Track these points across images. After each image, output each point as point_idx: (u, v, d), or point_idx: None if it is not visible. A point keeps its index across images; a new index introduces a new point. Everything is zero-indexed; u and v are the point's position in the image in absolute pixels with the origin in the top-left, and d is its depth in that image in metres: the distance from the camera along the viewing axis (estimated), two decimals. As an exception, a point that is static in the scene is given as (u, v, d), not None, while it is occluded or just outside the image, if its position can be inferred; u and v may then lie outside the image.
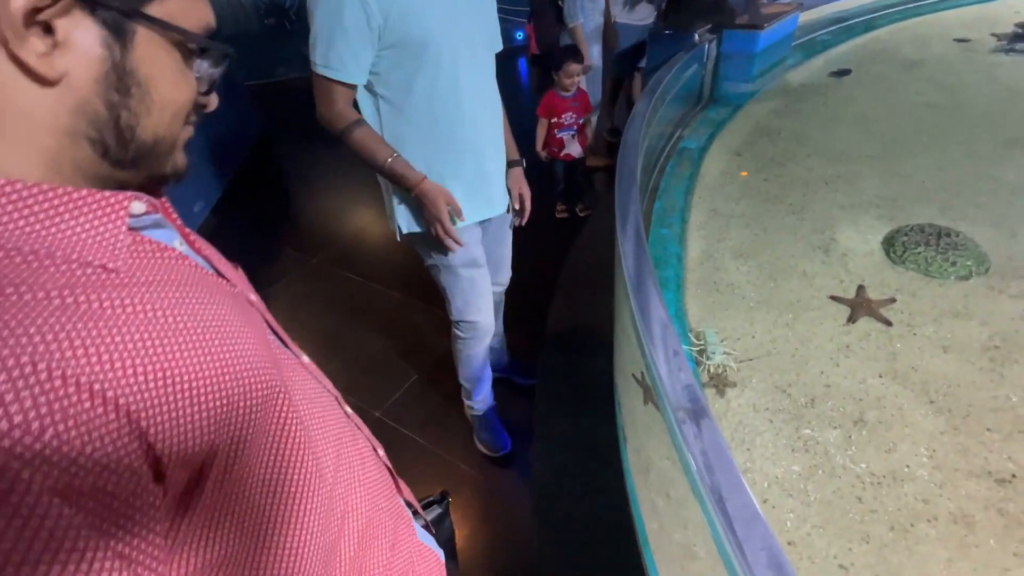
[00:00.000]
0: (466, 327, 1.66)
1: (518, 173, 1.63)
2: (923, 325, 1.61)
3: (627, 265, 1.16)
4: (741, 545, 0.73)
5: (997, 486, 1.22)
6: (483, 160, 1.45)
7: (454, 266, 1.52)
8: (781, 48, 3.23)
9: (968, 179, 2.18)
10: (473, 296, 1.59)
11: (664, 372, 0.90)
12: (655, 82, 2.12)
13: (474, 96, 1.35)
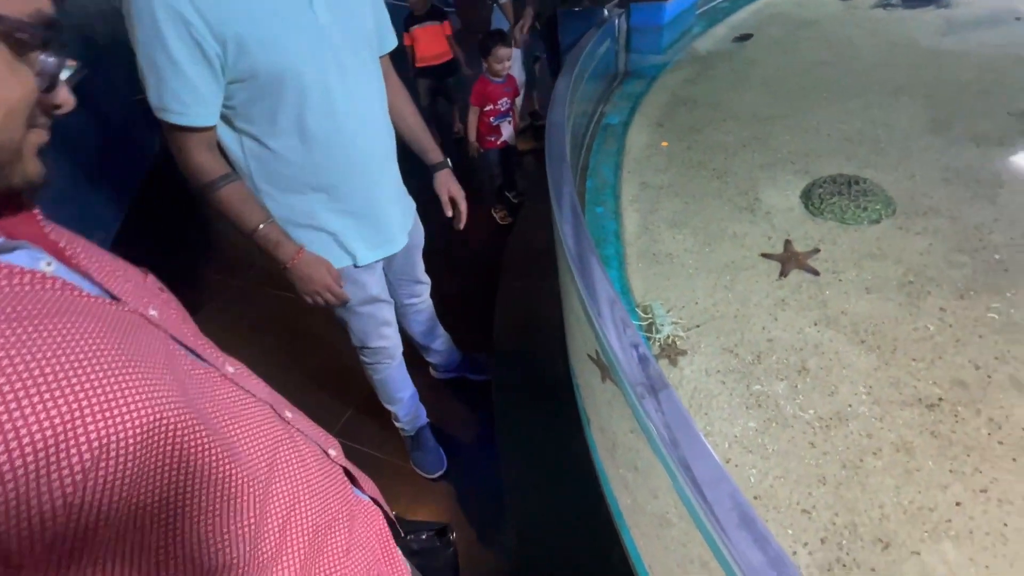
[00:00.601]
0: (370, 353, 1.56)
1: (445, 175, 1.53)
2: (846, 270, 1.71)
3: (568, 247, 1.15)
4: (712, 507, 0.74)
5: (928, 411, 1.33)
6: (377, 190, 1.29)
7: (350, 306, 1.41)
8: (686, 18, 3.33)
9: (867, 128, 2.34)
10: (373, 326, 1.49)
11: (618, 349, 0.90)
12: (571, 60, 2.11)
13: (356, 120, 1.16)
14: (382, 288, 1.47)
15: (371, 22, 1.20)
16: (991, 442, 1.24)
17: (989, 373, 1.38)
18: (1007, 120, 2.24)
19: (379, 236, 1.36)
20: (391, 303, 1.53)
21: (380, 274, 1.45)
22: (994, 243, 1.72)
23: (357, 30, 1.13)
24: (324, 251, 1.28)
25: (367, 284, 1.39)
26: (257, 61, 0.97)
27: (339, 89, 1.09)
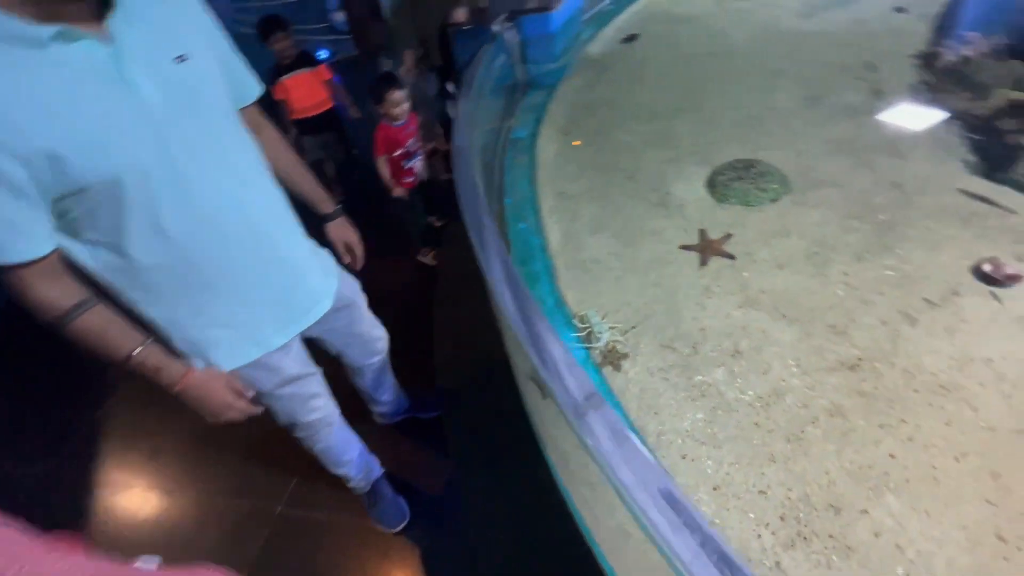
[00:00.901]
0: (303, 428, 1.42)
1: (338, 224, 1.45)
2: (758, 251, 1.81)
3: (491, 275, 1.13)
4: (656, 525, 0.75)
5: (851, 372, 1.42)
6: (276, 264, 1.13)
7: (267, 392, 1.26)
8: (574, 24, 3.43)
9: (754, 112, 2.50)
10: (299, 404, 1.35)
11: (553, 372, 0.90)
12: (468, 79, 2.11)
13: (226, 199, 1.00)
14: (303, 362, 1.33)
15: (219, 77, 1.02)
16: (908, 391, 1.35)
17: (896, 327, 1.49)
18: (869, 90, 2.47)
19: (292, 311, 1.21)
20: (315, 371, 1.39)
21: (299, 348, 1.30)
22: (878, 205, 1.88)
23: (203, 94, 0.97)
24: (230, 349, 1.13)
25: (283, 367, 1.24)
26: (80, 172, 0.81)
27: (194, 174, 0.94)
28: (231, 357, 1.15)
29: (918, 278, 1.60)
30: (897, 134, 2.16)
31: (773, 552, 1.14)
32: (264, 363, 1.21)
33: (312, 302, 1.26)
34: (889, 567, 1.08)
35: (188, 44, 0.94)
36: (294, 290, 1.20)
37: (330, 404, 1.47)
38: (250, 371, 1.20)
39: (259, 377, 1.23)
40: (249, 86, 1.18)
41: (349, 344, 1.51)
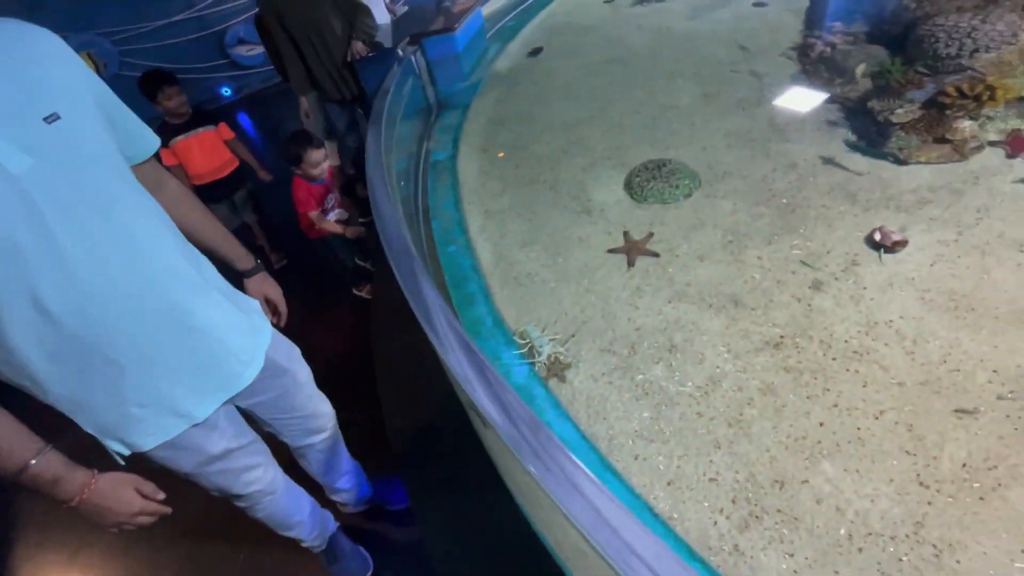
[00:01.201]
0: (240, 499, 1.32)
1: (259, 280, 1.37)
2: (679, 246, 1.89)
3: (417, 307, 1.11)
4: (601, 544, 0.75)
5: (776, 350, 1.50)
6: (189, 331, 1.03)
7: (190, 473, 1.16)
8: (479, 42, 3.47)
9: (658, 113, 2.62)
10: (231, 479, 1.25)
11: (486, 400, 0.89)
12: (378, 107, 2.08)
13: (115, 263, 0.91)
14: (234, 435, 1.21)
15: (104, 134, 0.94)
16: (827, 361, 1.44)
17: (808, 301, 1.60)
18: (756, 83, 2.65)
19: (214, 378, 1.10)
20: (250, 441, 1.27)
21: (228, 421, 1.19)
22: (779, 190, 2.01)
23: (83, 155, 0.88)
24: (148, 427, 1.04)
25: (206, 446, 1.13)
26: None
27: (75, 244, 0.85)
28: (151, 435, 1.05)
29: (821, 253, 1.72)
30: (786, 122, 2.33)
31: (730, 536, 1.18)
32: (184, 443, 1.10)
33: (239, 365, 1.15)
34: (833, 530, 1.14)
35: (60, 102, 0.86)
36: (214, 356, 1.09)
37: (270, 472, 1.35)
38: (168, 453, 1.09)
39: (179, 458, 1.12)
40: (143, 141, 1.10)
41: (282, 421, 1.37)
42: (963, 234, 1.64)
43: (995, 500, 1.10)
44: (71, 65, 0.93)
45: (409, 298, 1.17)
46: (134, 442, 1.04)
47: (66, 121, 0.86)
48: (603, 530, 0.76)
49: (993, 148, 1.88)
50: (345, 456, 1.66)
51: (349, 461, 1.69)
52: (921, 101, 1.91)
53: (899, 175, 1.92)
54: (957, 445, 1.20)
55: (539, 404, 1.51)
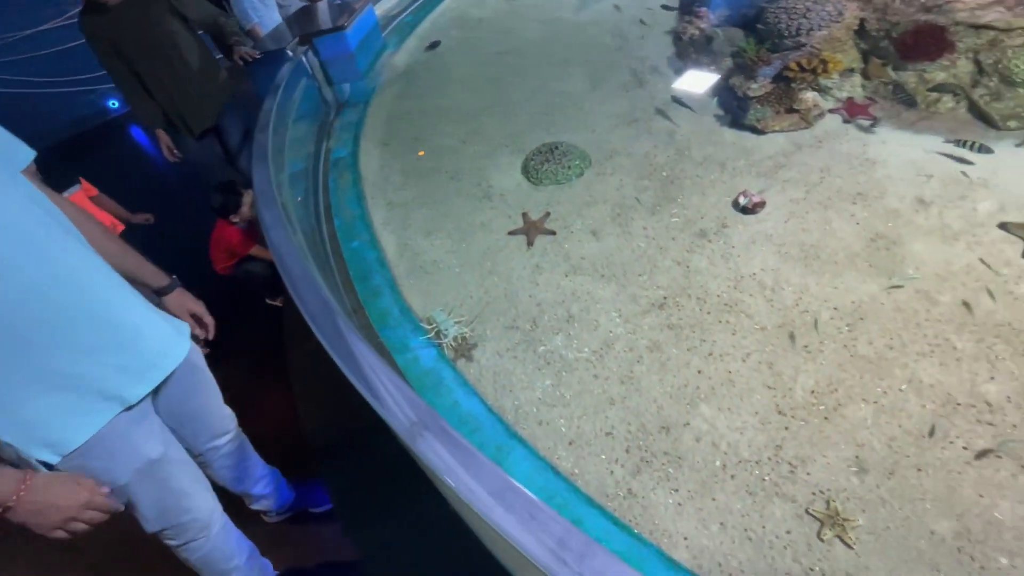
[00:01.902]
0: (175, 533, 1.24)
1: (176, 296, 1.30)
2: (574, 223, 1.95)
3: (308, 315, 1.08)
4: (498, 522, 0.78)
5: (660, 310, 1.60)
6: (100, 312, 1.01)
7: (127, 484, 1.11)
8: (374, 39, 3.37)
9: (550, 99, 2.68)
10: (170, 501, 1.18)
11: (380, 401, 0.89)
12: (267, 110, 1.98)
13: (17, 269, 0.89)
14: (165, 439, 1.14)
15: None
16: (703, 315, 1.55)
17: (687, 263, 1.71)
18: (638, 67, 2.76)
19: (144, 356, 1.07)
20: (186, 460, 1.22)
21: (157, 423, 1.13)
22: (660, 164, 2.12)
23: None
24: (75, 415, 0.98)
25: (139, 445, 1.07)
26: None
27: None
28: (80, 425, 0.99)
29: (696, 218, 1.84)
30: (664, 101, 2.45)
31: (624, 482, 1.26)
32: (118, 444, 1.04)
33: (163, 344, 1.13)
34: (710, 463, 1.24)
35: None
36: (138, 334, 1.07)
37: (208, 502, 1.28)
38: (102, 463, 1.03)
39: (111, 466, 1.05)
40: (16, 154, 1.01)
41: (186, 422, 1.30)
42: (810, 192, 1.81)
43: (836, 418, 1.24)
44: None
45: (295, 299, 1.14)
46: (62, 438, 0.97)
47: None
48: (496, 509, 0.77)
49: (832, 115, 2.08)
50: (258, 462, 1.60)
51: (264, 467, 1.63)
52: (771, 76, 2.08)
53: (759, 143, 2.08)
54: (807, 375, 1.34)
55: (448, 384, 1.52)
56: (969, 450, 1.13)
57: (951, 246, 1.52)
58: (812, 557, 1.06)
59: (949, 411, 1.20)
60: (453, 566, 1.54)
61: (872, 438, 1.20)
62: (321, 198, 2.22)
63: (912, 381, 1.27)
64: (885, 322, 1.40)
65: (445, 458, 0.85)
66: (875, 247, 1.58)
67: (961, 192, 1.65)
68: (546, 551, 0.74)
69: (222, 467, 1.47)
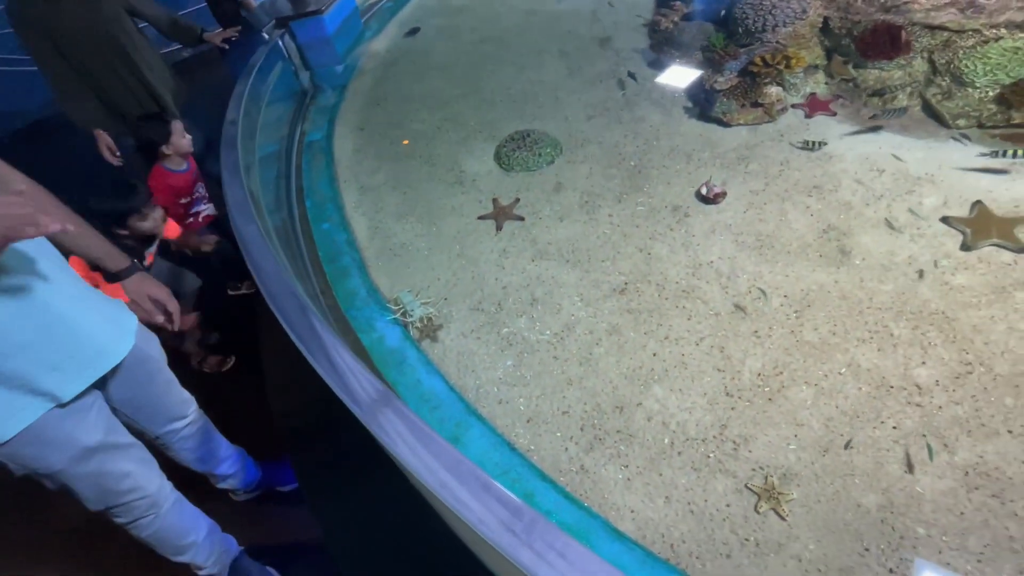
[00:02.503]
0: (120, 511, 1.20)
1: (136, 280, 1.23)
2: (542, 209, 1.96)
3: (271, 300, 1.06)
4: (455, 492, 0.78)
5: (620, 295, 1.61)
6: (36, 305, 0.97)
7: (62, 470, 1.07)
8: (353, 24, 3.31)
9: (526, 88, 2.66)
10: (110, 483, 1.15)
11: (340, 381, 0.88)
12: (239, 92, 1.93)
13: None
14: (105, 428, 1.11)
15: None
16: (661, 301, 1.57)
17: (648, 250, 1.73)
18: (614, 58, 2.75)
19: (79, 354, 1.03)
20: (128, 443, 1.18)
21: (97, 411, 1.10)
22: (629, 153, 2.13)
23: None
24: (3, 405, 0.95)
25: (75, 434, 1.05)
26: None
27: None
28: (9, 419, 0.96)
29: (660, 207, 1.86)
30: (636, 92, 2.45)
31: (577, 458, 1.28)
32: (51, 434, 1.02)
33: (105, 341, 1.09)
34: (659, 440, 1.27)
35: None
36: (73, 332, 1.02)
37: (154, 481, 1.25)
38: (34, 450, 1.01)
39: (47, 454, 1.03)
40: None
41: (139, 408, 1.27)
42: (769, 184, 1.84)
43: (779, 399, 1.28)
44: None
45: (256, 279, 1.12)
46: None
47: None
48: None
49: (795, 110, 2.10)
50: (221, 442, 1.58)
51: (228, 447, 1.61)
52: (737, 71, 2.09)
53: (724, 136, 2.10)
54: (755, 359, 1.37)
55: (411, 364, 1.52)
56: (898, 429, 1.17)
57: (896, 238, 1.56)
58: (748, 528, 1.09)
59: (883, 393, 1.24)
60: (414, 543, 1.55)
61: (811, 418, 1.23)
62: (293, 180, 2.19)
63: (851, 365, 1.31)
64: (831, 309, 1.43)
65: (401, 435, 0.86)
66: (826, 238, 1.62)
67: (909, 187, 1.69)
68: (498, 524, 0.75)
69: (183, 449, 1.45)
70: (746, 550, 1.07)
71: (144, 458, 1.24)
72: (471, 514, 0.76)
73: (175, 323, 1.30)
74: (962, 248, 1.48)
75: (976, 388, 1.20)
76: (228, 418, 1.67)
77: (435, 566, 1.33)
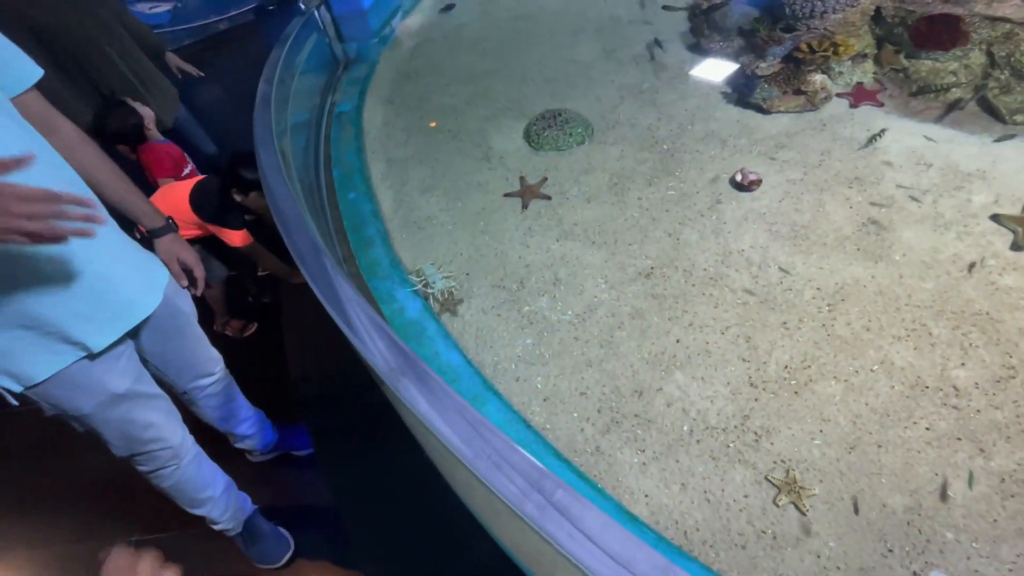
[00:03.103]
0: (143, 459, 1.24)
1: (168, 240, 1.25)
2: (570, 189, 1.92)
3: (298, 259, 1.06)
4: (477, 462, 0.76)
5: (646, 279, 1.58)
6: (70, 263, 0.97)
7: (90, 414, 1.10)
8: (388, -3, 3.27)
9: (560, 67, 2.60)
10: (135, 432, 1.18)
11: (364, 340, 0.87)
12: (274, 59, 1.92)
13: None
14: (134, 376, 1.13)
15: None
16: (688, 287, 1.53)
17: (677, 236, 1.68)
18: (650, 40, 2.67)
19: (110, 304, 1.04)
20: (155, 394, 1.21)
21: (127, 360, 1.12)
22: (662, 137, 2.07)
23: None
24: (37, 354, 0.97)
25: (105, 381, 1.07)
26: None
27: None
28: (43, 363, 0.98)
29: (692, 193, 1.80)
30: (672, 75, 2.37)
31: (593, 440, 1.26)
32: (82, 379, 1.04)
33: (135, 294, 1.10)
34: (678, 427, 1.24)
35: None
36: (106, 283, 1.03)
37: (178, 433, 1.28)
38: (64, 391, 1.03)
39: (76, 397, 1.05)
40: (21, 69, 0.97)
41: (168, 362, 1.30)
42: (808, 174, 1.77)
43: (806, 393, 1.23)
44: None
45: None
46: (25, 372, 0.98)
47: None
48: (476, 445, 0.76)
49: (839, 99, 2.01)
50: (243, 403, 1.61)
51: (249, 408, 1.64)
52: (781, 56, 2.00)
53: (763, 123, 2.02)
54: (782, 351, 1.32)
55: (430, 336, 1.51)
56: (931, 431, 1.12)
57: (941, 235, 1.49)
58: (765, 520, 1.06)
59: (917, 393, 1.19)
60: (425, 512, 1.56)
61: (838, 414, 1.19)
62: (322, 149, 2.18)
63: (884, 362, 1.25)
64: (866, 304, 1.38)
65: (419, 396, 0.84)
66: (865, 231, 1.55)
67: (958, 183, 1.61)
68: (516, 491, 0.73)
69: (207, 406, 1.48)
70: (762, 542, 1.04)
71: (169, 409, 1.27)
72: (490, 480, 0.75)
73: (199, 288, 1.32)
74: (1012, 248, 1.41)
75: (1019, 393, 1.14)
76: (248, 381, 1.69)
77: (445, 535, 1.34)
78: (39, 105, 1.03)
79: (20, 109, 0.96)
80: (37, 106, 1.03)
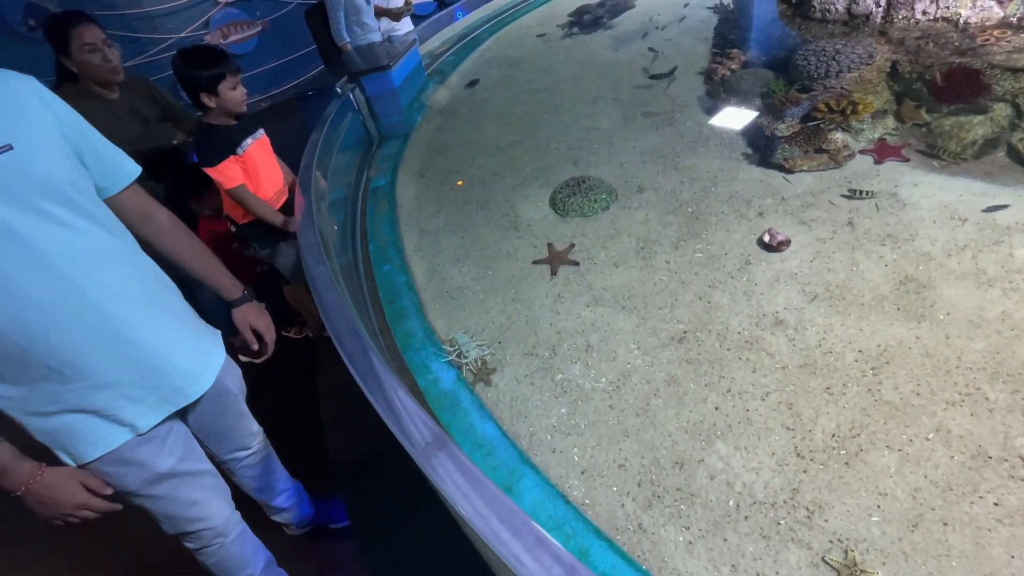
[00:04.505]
0: (193, 538, 1.28)
1: (245, 310, 1.34)
2: (597, 255, 1.97)
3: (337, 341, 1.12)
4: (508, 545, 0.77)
5: (679, 344, 1.58)
6: (128, 343, 1.04)
7: (136, 493, 1.14)
8: (417, 77, 3.55)
9: (581, 135, 2.74)
10: (180, 509, 1.22)
11: (397, 421, 0.91)
12: (313, 141, 2.10)
13: (57, 280, 0.94)
14: (181, 455, 1.19)
15: (68, 166, 0.98)
16: (723, 351, 1.52)
17: (708, 299, 1.69)
18: (668, 105, 2.80)
19: (161, 389, 1.11)
20: (202, 470, 1.25)
21: (174, 438, 1.17)
22: (686, 200, 2.13)
23: (29, 183, 0.91)
24: (91, 436, 1.04)
25: (151, 461, 1.12)
26: None
27: (12, 261, 0.89)
28: (93, 444, 1.05)
29: (720, 255, 1.83)
30: (692, 139, 2.46)
31: (635, 516, 1.23)
32: (129, 457, 1.09)
33: (183, 380, 1.15)
34: (723, 502, 1.20)
35: (12, 134, 0.90)
36: (157, 370, 1.10)
37: (223, 512, 1.31)
38: (114, 468, 1.08)
39: (123, 473, 1.10)
40: (118, 171, 1.10)
41: (206, 436, 1.35)
42: (837, 232, 1.78)
43: (857, 464, 1.19)
44: (35, 100, 0.96)
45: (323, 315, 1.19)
46: (78, 451, 1.04)
47: (18, 152, 0.90)
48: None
49: (863, 156, 2.04)
50: (282, 475, 1.64)
51: (287, 480, 1.67)
52: (799, 117, 2.07)
53: (787, 183, 2.06)
54: (828, 418, 1.29)
55: (465, 407, 1.54)
56: (1001, 507, 1.06)
57: (985, 292, 1.46)
58: (827, 609, 1.01)
59: (979, 464, 1.13)
60: None
61: (896, 487, 1.14)
62: (359, 224, 2.32)
63: (940, 430, 1.20)
64: (913, 367, 1.34)
65: (456, 481, 0.86)
66: (904, 290, 1.53)
67: (996, 237, 1.59)
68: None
69: (245, 476, 1.52)
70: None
71: (215, 486, 1.30)
72: (524, 569, 0.75)
73: (269, 352, 1.40)
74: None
75: (1093, 464, 1.08)
76: (286, 449, 1.73)
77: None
78: (137, 196, 1.15)
79: (119, 203, 1.09)
80: (135, 197, 1.14)
